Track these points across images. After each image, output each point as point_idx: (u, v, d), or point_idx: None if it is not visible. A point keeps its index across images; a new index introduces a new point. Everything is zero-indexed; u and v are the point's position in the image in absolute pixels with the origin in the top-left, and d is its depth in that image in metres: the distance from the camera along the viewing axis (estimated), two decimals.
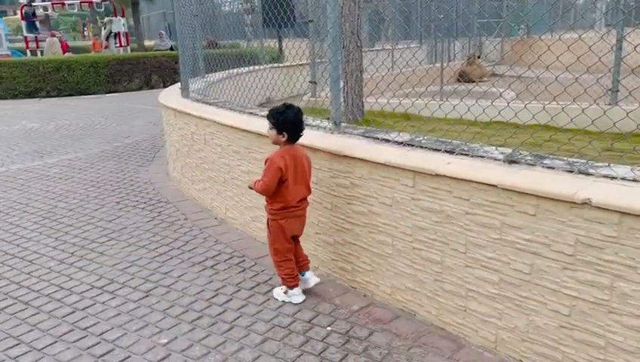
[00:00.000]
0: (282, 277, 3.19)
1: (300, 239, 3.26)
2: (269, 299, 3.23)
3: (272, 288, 3.36)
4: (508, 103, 3.00)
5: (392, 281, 3.03)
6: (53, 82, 14.39)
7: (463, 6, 12.80)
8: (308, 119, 3.75)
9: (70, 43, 27.26)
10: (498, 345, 2.55)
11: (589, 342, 2.20)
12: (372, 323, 2.92)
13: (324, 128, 3.55)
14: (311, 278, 3.25)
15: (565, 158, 2.48)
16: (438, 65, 10.73)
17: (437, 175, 2.61)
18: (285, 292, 3.21)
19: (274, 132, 3.03)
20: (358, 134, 3.32)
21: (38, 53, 19.87)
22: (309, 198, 3.18)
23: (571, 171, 2.32)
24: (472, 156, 2.69)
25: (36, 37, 20.58)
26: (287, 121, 2.99)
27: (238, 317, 3.04)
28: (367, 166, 3.00)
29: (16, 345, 2.83)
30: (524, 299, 2.39)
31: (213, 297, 3.29)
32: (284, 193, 3.03)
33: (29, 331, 2.96)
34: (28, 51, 19.13)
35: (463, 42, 13.66)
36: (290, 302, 3.16)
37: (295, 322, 2.96)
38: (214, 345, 2.78)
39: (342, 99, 3.38)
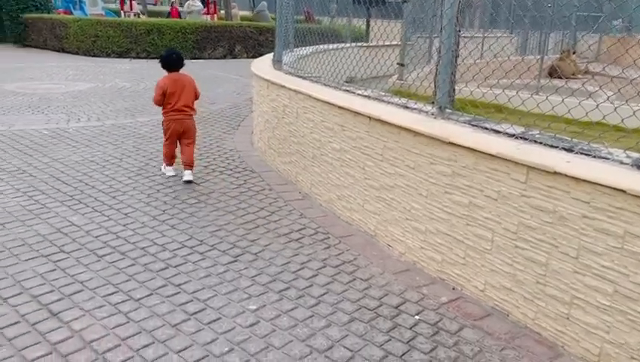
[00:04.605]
0: (163, 156, 4.96)
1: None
2: (354, 279, 3.21)
3: (358, 268, 3.35)
4: (615, 108, 2.76)
5: (486, 278, 2.92)
6: (144, 44, 14.95)
7: None
8: (409, 102, 3.67)
9: (156, 8, 28.23)
10: (602, 359, 2.41)
11: None
12: (462, 318, 2.83)
13: (427, 112, 3.44)
14: (185, 174, 4.80)
15: None
16: (527, 58, 10.21)
17: (555, 173, 2.46)
18: (164, 167, 4.98)
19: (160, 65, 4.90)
20: (463, 122, 3.20)
21: (131, 15, 20.65)
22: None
23: None
24: (594, 157, 2.52)
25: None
26: (162, 61, 4.84)
27: (325, 294, 3.04)
28: (474, 156, 2.88)
29: (116, 292, 2.97)
30: None
31: (299, 270, 3.31)
32: (168, 102, 4.75)
33: (126, 280, 3.10)
34: (122, 12, 19.90)
35: (557, 36, 12.91)
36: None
37: (382, 306, 2.93)
38: (302, 318, 2.79)
39: (449, 85, 3.25)
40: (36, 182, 4.69)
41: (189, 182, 4.77)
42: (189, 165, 4.85)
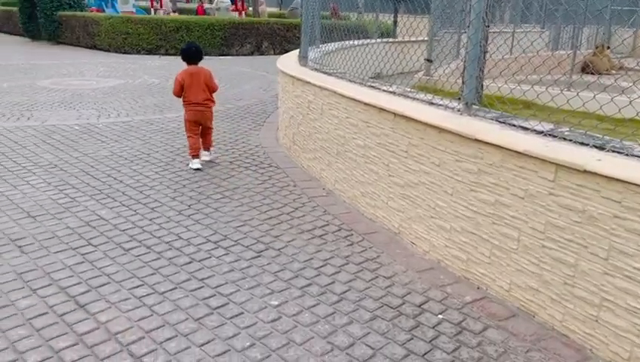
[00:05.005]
0: (189, 147, 5.11)
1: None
2: (377, 277, 3.19)
3: (381, 266, 3.32)
4: None
5: (512, 277, 2.86)
6: (173, 41, 15.14)
7: None
8: (435, 98, 3.62)
9: (187, 6, 28.59)
10: None
11: None
12: (486, 318, 2.78)
13: (453, 109, 3.39)
14: (203, 155, 5.20)
15: None
16: (558, 53, 9.96)
17: (585, 171, 2.39)
18: (190, 160, 5.11)
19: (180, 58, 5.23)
20: (490, 118, 3.13)
21: (160, 12, 20.96)
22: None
23: None
24: (626, 155, 2.43)
25: None
26: (182, 53, 5.16)
27: (347, 291, 3.02)
28: (501, 153, 2.82)
29: (141, 285, 3.01)
30: None
31: (321, 267, 3.30)
32: (186, 95, 5.03)
33: (151, 274, 3.14)
34: (152, 10, 20.22)
35: (590, 31, 12.55)
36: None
37: (405, 304, 2.90)
38: (323, 314, 2.78)
39: (477, 81, 3.19)
40: (67, 176, 4.79)
41: (208, 161, 5.21)
42: (207, 149, 5.29)
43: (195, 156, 5.08)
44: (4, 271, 3.12)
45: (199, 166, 5.04)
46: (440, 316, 2.80)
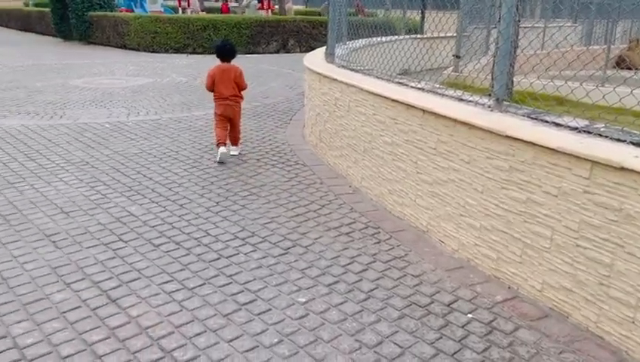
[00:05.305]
0: (215, 136, 5.31)
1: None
2: (405, 275, 3.16)
3: (409, 264, 3.29)
4: None
5: (545, 277, 2.80)
6: (200, 40, 15.31)
7: None
8: (464, 95, 3.56)
9: (216, 5, 28.85)
10: None
11: None
12: (517, 318, 2.73)
13: (483, 105, 3.33)
14: (232, 150, 5.43)
15: None
16: (592, 47, 9.71)
17: (622, 168, 2.32)
18: (215, 148, 5.29)
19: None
20: (522, 114, 3.07)
21: (188, 11, 21.21)
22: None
23: None
24: None
25: None
26: (217, 50, 5.36)
27: (374, 289, 3.01)
28: (533, 150, 2.76)
29: (170, 281, 3.05)
30: None
31: (348, 264, 3.29)
32: (216, 89, 5.28)
33: (180, 270, 3.18)
34: (180, 9, 20.46)
35: (625, 25, 12.20)
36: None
37: (433, 303, 2.87)
38: (351, 312, 2.77)
39: (507, 77, 3.13)
40: (98, 173, 4.89)
41: (234, 155, 5.40)
42: (235, 143, 5.49)
43: (221, 144, 5.26)
44: (39, 265, 3.20)
45: (224, 150, 5.21)
46: (469, 315, 2.76)
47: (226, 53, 5.34)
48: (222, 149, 5.18)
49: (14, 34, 23.69)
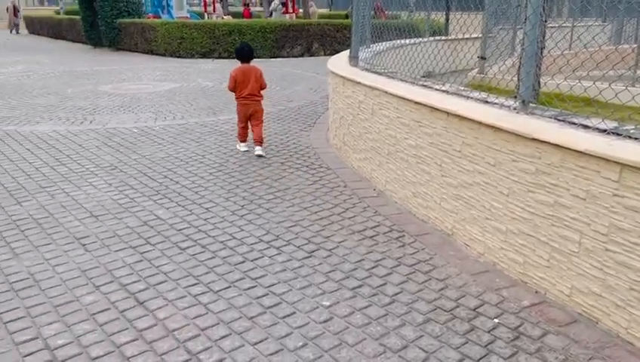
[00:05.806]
0: (237, 135, 5.86)
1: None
2: (430, 279, 3.14)
3: (434, 268, 3.27)
4: None
5: (573, 282, 2.75)
6: (225, 44, 15.47)
7: None
8: (490, 97, 3.53)
9: (234, 9, 29.20)
10: None
11: None
12: (545, 323, 2.68)
13: (508, 107, 3.29)
14: (256, 150, 5.64)
15: None
16: (622, 47, 9.46)
17: None
18: (238, 144, 5.88)
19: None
20: (549, 116, 3.02)
21: (213, 16, 21.47)
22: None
23: None
24: None
25: (213, 1, 22.25)
26: (236, 53, 5.75)
27: (399, 293, 2.99)
28: (560, 152, 2.71)
29: (196, 284, 3.09)
30: None
31: (373, 268, 3.28)
32: (238, 89, 5.63)
33: (206, 273, 3.22)
34: (206, 14, 20.72)
35: None
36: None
37: (459, 307, 2.84)
38: (375, 316, 2.77)
39: (533, 78, 3.09)
40: (126, 177, 4.99)
41: (259, 156, 5.60)
42: (259, 142, 5.70)
43: (243, 141, 5.82)
44: (69, 268, 3.28)
45: (246, 148, 5.77)
46: (496, 320, 2.72)
47: (245, 54, 5.71)
48: (244, 147, 5.78)
49: (46, 41, 24.32)
